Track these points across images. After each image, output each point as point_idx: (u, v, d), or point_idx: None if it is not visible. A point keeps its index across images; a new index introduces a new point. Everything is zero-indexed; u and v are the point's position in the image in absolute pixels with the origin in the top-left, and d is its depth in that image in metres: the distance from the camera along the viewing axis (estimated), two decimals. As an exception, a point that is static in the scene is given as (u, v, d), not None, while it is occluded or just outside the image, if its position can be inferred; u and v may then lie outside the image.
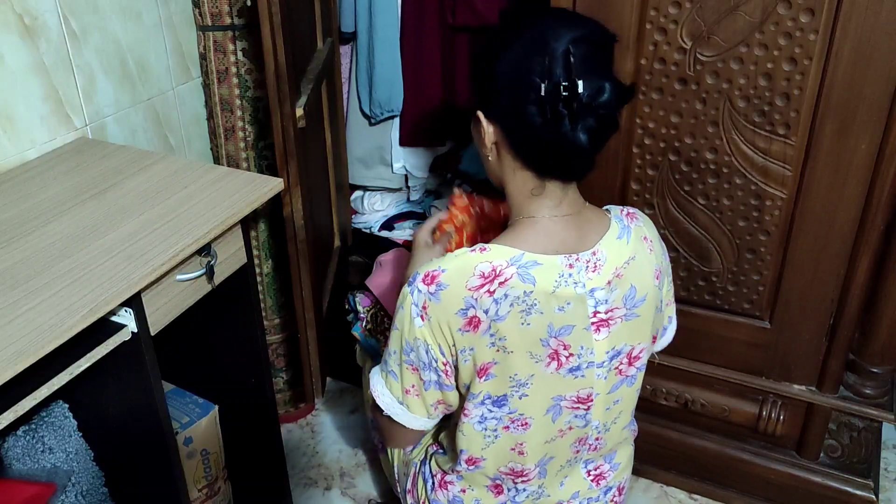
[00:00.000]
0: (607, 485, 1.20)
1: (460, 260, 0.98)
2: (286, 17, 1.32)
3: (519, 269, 0.96)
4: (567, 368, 1.02)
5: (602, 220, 1.05)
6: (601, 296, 1.00)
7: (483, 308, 0.96)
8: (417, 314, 0.99)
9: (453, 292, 0.96)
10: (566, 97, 0.90)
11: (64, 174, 1.29)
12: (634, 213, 1.09)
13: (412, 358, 1.03)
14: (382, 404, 1.09)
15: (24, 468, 1.18)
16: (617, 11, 1.34)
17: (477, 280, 0.96)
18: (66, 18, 1.37)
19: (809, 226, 1.39)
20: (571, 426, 1.08)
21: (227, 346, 1.47)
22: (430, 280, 0.97)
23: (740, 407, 1.65)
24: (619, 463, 1.21)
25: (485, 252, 0.97)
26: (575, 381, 1.03)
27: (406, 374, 1.05)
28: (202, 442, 1.49)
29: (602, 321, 1.02)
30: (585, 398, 1.06)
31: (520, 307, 0.96)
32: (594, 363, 1.03)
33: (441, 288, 0.97)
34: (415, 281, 0.99)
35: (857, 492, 1.61)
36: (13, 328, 0.90)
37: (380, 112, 2.04)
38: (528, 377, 1.01)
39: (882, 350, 1.52)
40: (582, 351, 1.02)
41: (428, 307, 0.98)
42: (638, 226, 1.07)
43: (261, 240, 1.78)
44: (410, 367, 1.04)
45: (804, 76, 1.28)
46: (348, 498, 1.79)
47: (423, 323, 0.99)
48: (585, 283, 0.99)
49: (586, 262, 1.00)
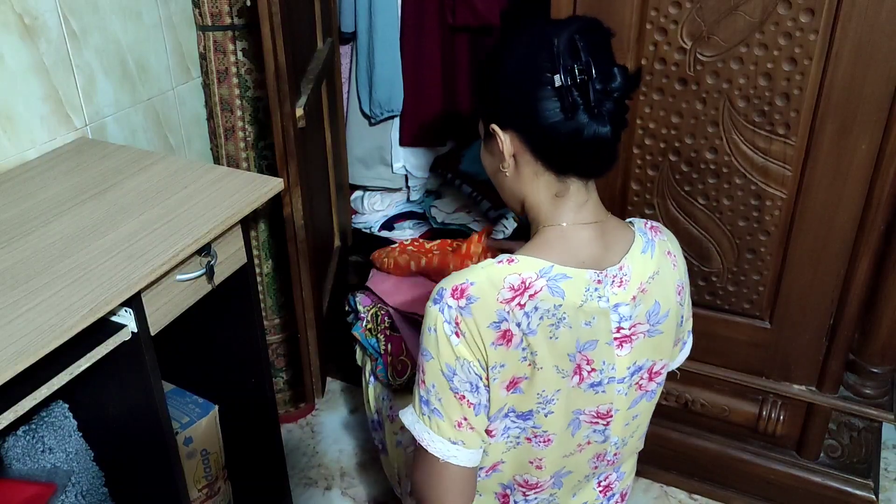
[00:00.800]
0: (612, 493, 1.19)
1: (488, 271, 0.93)
2: (286, 17, 1.32)
3: (549, 281, 0.92)
4: (588, 383, 0.99)
5: (626, 233, 1.02)
6: (625, 311, 0.98)
7: (515, 321, 0.91)
8: (452, 331, 0.92)
9: (485, 305, 0.91)
10: (581, 82, 0.88)
11: (64, 174, 1.29)
12: (658, 227, 1.06)
13: (456, 384, 0.94)
14: (436, 451, 0.96)
15: (24, 468, 1.18)
16: (617, 11, 1.34)
17: (508, 293, 0.91)
18: (66, 18, 1.37)
19: (809, 226, 1.39)
20: (590, 441, 1.05)
21: (227, 346, 1.47)
22: (460, 294, 0.91)
23: (740, 407, 1.65)
24: (624, 472, 1.20)
25: (513, 264, 0.93)
26: (595, 396, 1.01)
27: (452, 406, 0.95)
28: (202, 442, 1.49)
29: (625, 337, 0.99)
30: (605, 413, 1.03)
31: (549, 321, 0.93)
32: (615, 378, 1.01)
33: (471, 301, 0.91)
34: (441, 298, 0.92)
35: (857, 492, 1.61)
36: (13, 328, 0.90)
37: (380, 112, 2.04)
38: (554, 393, 0.97)
39: (882, 350, 1.52)
40: (604, 366, 0.99)
41: (461, 322, 0.91)
42: (662, 240, 1.04)
43: (261, 240, 1.78)
44: (457, 396, 0.94)
45: (804, 76, 1.27)
46: (348, 498, 1.79)
47: (459, 340, 0.92)
48: (610, 298, 0.96)
49: (613, 276, 0.97)
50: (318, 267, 1.71)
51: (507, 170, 0.99)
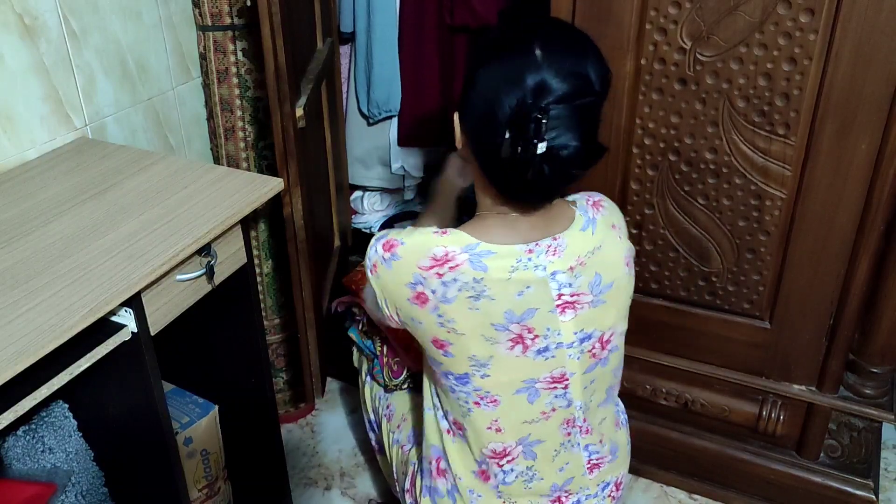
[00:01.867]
0: (603, 478, 1.19)
1: (419, 237, 1.03)
2: (286, 17, 1.32)
3: (471, 256, 1.00)
4: (535, 350, 1.04)
5: (567, 213, 1.07)
6: (563, 279, 1.03)
7: (430, 288, 1.01)
8: (369, 267, 1.07)
9: (404, 265, 1.02)
10: (525, 153, 0.91)
11: (64, 174, 1.29)
12: (600, 202, 1.10)
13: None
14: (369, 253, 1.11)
15: (24, 468, 1.18)
16: (617, 12, 1.34)
17: (427, 261, 1.00)
18: (66, 18, 1.37)
19: (809, 226, 1.39)
20: (554, 407, 1.09)
21: (227, 346, 1.47)
22: (388, 248, 1.04)
23: (740, 407, 1.65)
24: (616, 447, 1.20)
25: (444, 236, 1.01)
26: (546, 362, 1.06)
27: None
28: (202, 442, 1.49)
29: (567, 303, 1.04)
30: (560, 377, 1.07)
31: (468, 293, 1.00)
32: (563, 343, 1.05)
33: (394, 258, 1.03)
34: (378, 241, 1.06)
35: (857, 492, 1.61)
36: (13, 328, 0.90)
37: (378, 112, 2.04)
38: (488, 358, 1.04)
39: (882, 350, 1.52)
40: (549, 332, 1.04)
41: (378, 268, 1.05)
42: (604, 215, 1.08)
43: (261, 240, 1.78)
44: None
45: (804, 76, 1.28)
46: (348, 498, 1.79)
47: (371, 276, 1.07)
48: (546, 266, 1.01)
49: (547, 246, 1.02)
50: (318, 267, 1.71)
51: (464, 153, 1.06)
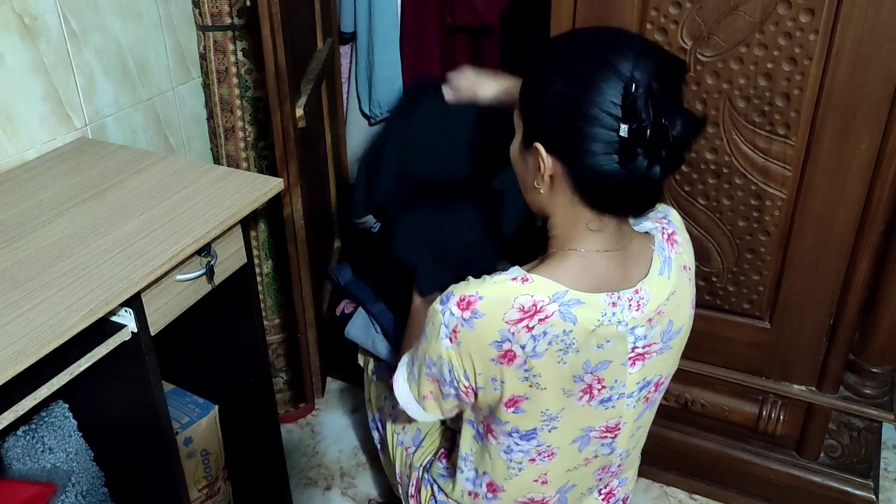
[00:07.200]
0: (615, 498, 1.20)
1: (500, 288, 0.91)
2: (286, 17, 1.32)
3: (561, 306, 0.90)
4: (598, 400, 0.99)
5: (646, 252, 0.99)
6: (641, 332, 0.97)
7: (520, 343, 0.90)
8: (446, 335, 0.93)
9: (489, 322, 0.90)
10: (650, 140, 0.81)
11: (64, 174, 1.29)
12: (674, 235, 1.03)
13: (434, 371, 0.99)
14: (399, 397, 1.06)
15: (24, 468, 1.18)
16: (617, 11, 1.34)
17: (516, 313, 0.89)
18: (66, 18, 1.37)
19: (809, 226, 1.39)
20: (597, 455, 1.06)
21: (227, 346, 1.47)
22: (466, 305, 0.91)
23: (740, 407, 1.65)
24: (627, 478, 1.21)
25: (526, 283, 0.91)
26: (606, 412, 1.01)
27: (425, 382, 1.02)
28: (202, 442, 1.49)
29: (639, 355, 0.99)
30: (614, 427, 1.03)
31: (558, 346, 0.91)
32: (625, 394, 1.01)
33: (476, 316, 0.91)
34: (448, 301, 0.92)
35: (857, 492, 1.61)
36: (13, 328, 0.90)
37: (379, 112, 2.04)
38: (559, 411, 0.98)
39: (882, 350, 1.52)
40: (615, 384, 0.99)
41: (459, 332, 0.92)
42: (678, 253, 1.01)
43: (261, 240, 1.78)
44: (431, 379, 1.01)
45: (804, 76, 1.27)
46: (348, 498, 1.79)
47: (451, 345, 0.94)
48: (628, 322, 0.94)
49: (628, 300, 0.94)
50: (318, 267, 1.71)
51: (541, 187, 0.93)
